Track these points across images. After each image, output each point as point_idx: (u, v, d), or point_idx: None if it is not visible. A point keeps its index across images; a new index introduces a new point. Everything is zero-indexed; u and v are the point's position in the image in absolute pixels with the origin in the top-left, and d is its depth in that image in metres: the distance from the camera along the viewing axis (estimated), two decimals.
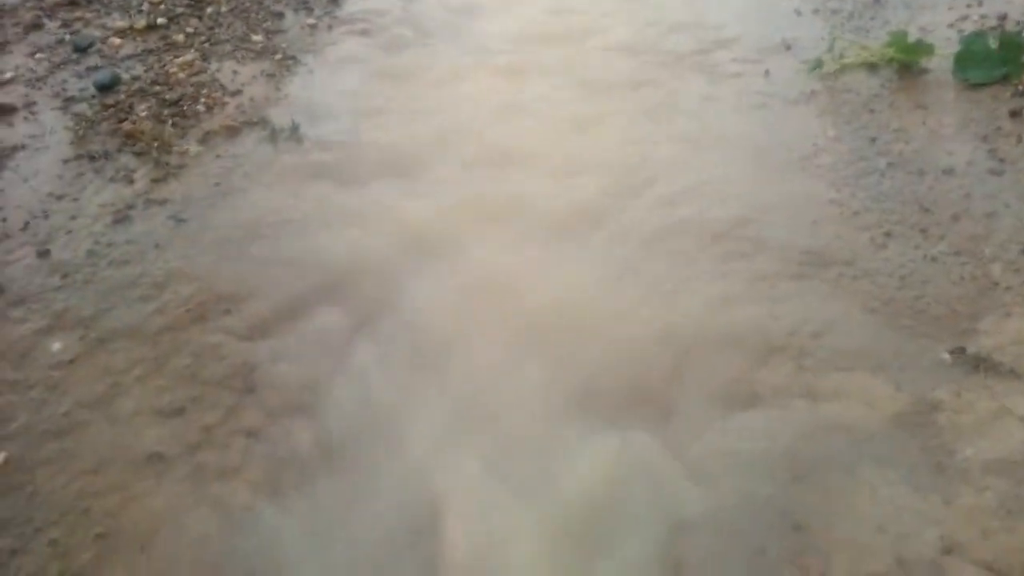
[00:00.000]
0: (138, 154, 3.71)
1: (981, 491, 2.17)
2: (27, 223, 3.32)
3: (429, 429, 2.44)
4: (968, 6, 4.22)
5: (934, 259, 2.86)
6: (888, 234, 2.99)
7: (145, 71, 4.35)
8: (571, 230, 3.13)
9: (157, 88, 4.19)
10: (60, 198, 3.45)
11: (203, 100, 4.08)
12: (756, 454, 2.29)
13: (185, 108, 4.02)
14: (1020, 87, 3.59)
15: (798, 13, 4.51)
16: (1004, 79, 3.66)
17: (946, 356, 2.54)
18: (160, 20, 4.74)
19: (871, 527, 2.12)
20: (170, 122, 3.93)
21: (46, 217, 3.35)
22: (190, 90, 4.19)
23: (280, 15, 4.88)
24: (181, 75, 4.26)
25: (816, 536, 2.12)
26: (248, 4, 4.95)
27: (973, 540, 2.08)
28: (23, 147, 3.81)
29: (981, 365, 2.49)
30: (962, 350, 2.55)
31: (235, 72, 4.35)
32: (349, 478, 2.36)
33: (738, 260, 2.95)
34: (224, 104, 4.09)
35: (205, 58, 4.46)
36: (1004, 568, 2.00)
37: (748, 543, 2.11)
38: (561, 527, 2.18)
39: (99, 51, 4.52)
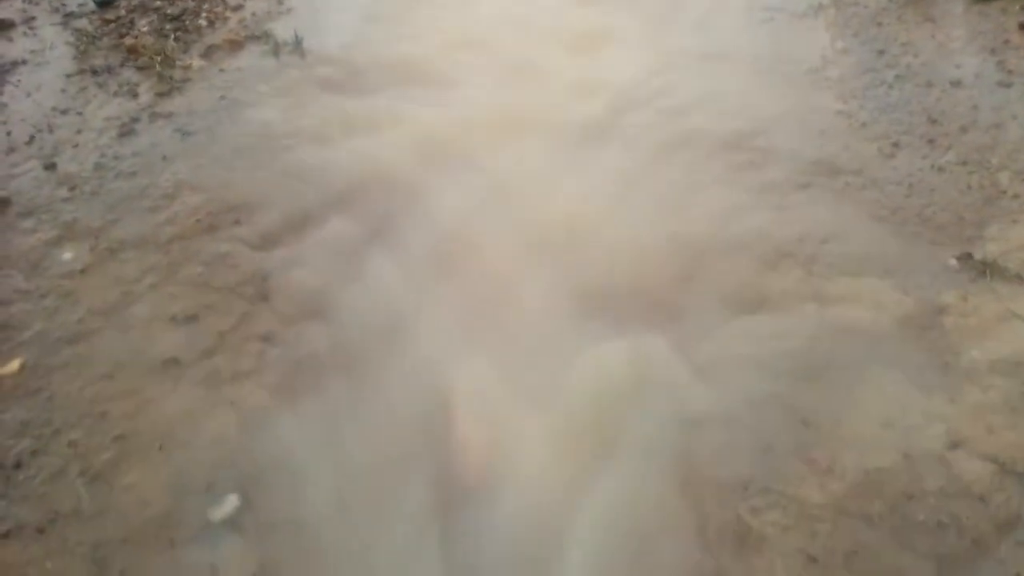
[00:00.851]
0: (141, 68, 3.67)
1: (986, 390, 2.20)
2: (32, 137, 3.30)
3: (442, 332, 2.46)
4: None
5: (941, 169, 2.86)
6: (896, 144, 2.99)
7: None
8: (581, 141, 3.13)
9: (158, 3, 4.14)
10: (64, 112, 3.43)
11: (205, 15, 4.03)
12: (765, 355, 2.31)
13: (187, 23, 3.98)
14: None
15: None
16: None
17: (953, 262, 2.55)
18: None
19: (878, 424, 2.15)
20: (172, 37, 3.89)
21: (51, 131, 3.33)
22: (191, 5, 4.14)
23: None
24: None
25: (824, 432, 2.14)
26: None
27: (979, 435, 2.11)
28: (24, 62, 3.77)
29: (987, 270, 2.50)
30: (969, 256, 2.56)
31: None
32: (362, 379, 2.38)
33: (747, 170, 2.95)
34: (226, 19, 4.05)
35: None
36: (1008, 461, 2.04)
37: (756, 438, 2.14)
38: (571, 423, 2.20)
39: None
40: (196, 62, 3.70)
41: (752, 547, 1.96)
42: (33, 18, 4.10)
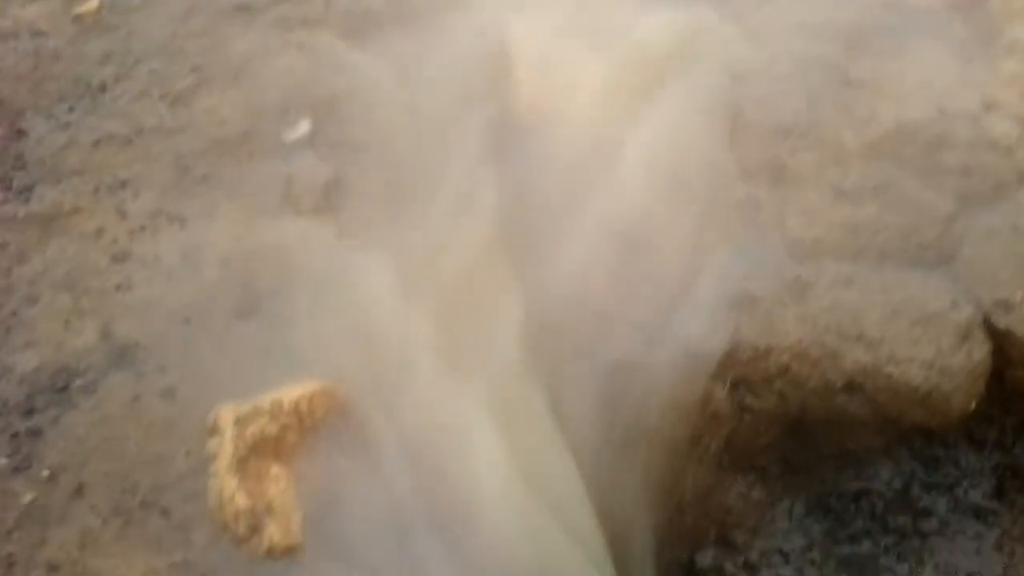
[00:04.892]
0: None
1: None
2: None
3: None
4: None
5: None
6: None
7: None
8: None
9: None
10: None
11: None
12: (814, 23, 2.34)
13: None
14: None
15: None
16: None
17: None
18: None
19: (918, 84, 2.19)
20: None
21: None
22: None
23: None
24: None
25: (865, 89, 2.20)
26: None
27: (1011, 100, 2.15)
28: None
29: None
30: None
31: None
32: (424, 32, 2.41)
33: None
34: None
35: None
36: None
37: (800, 92, 2.19)
38: (623, 72, 2.25)
39: None
40: None
41: (788, 182, 2.05)
42: None
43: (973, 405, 1.81)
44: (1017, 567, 1.98)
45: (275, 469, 1.59)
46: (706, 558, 2.02)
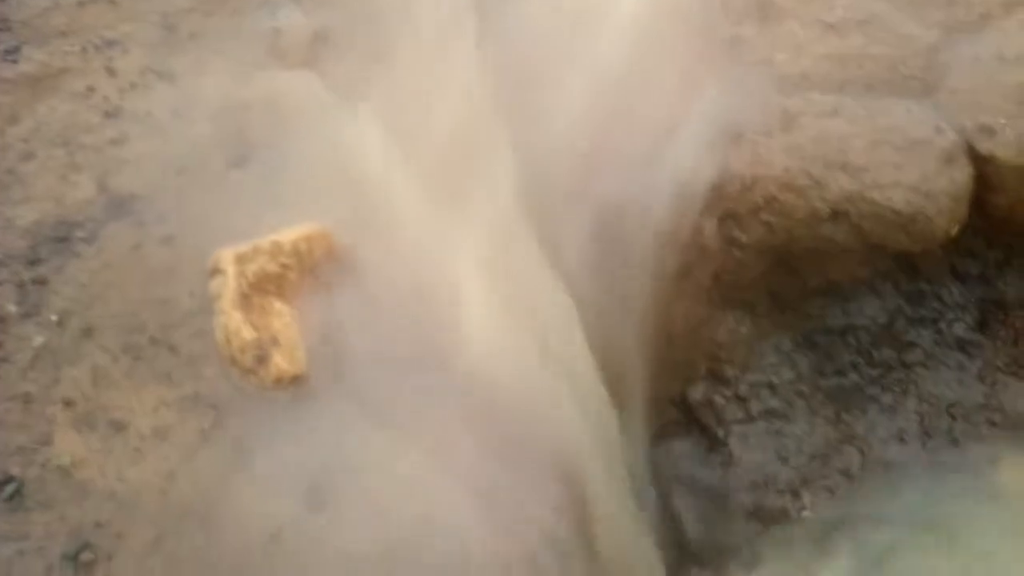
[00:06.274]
0: None
1: None
2: None
3: None
4: None
5: None
6: None
7: None
8: None
9: None
10: None
11: None
12: None
13: None
14: None
15: None
16: None
17: None
18: None
19: None
20: None
21: None
22: None
23: None
24: None
25: None
26: None
27: None
28: None
29: None
30: None
31: None
32: None
33: None
34: None
35: None
36: None
37: None
38: None
39: None
40: None
41: (774, 18, 2.04)
42: None
43: (955, 230, 1.84)
44: (998, 395, 2.04)
45: (278, 305, 1.62)
46: (697, 392, 2.08)
